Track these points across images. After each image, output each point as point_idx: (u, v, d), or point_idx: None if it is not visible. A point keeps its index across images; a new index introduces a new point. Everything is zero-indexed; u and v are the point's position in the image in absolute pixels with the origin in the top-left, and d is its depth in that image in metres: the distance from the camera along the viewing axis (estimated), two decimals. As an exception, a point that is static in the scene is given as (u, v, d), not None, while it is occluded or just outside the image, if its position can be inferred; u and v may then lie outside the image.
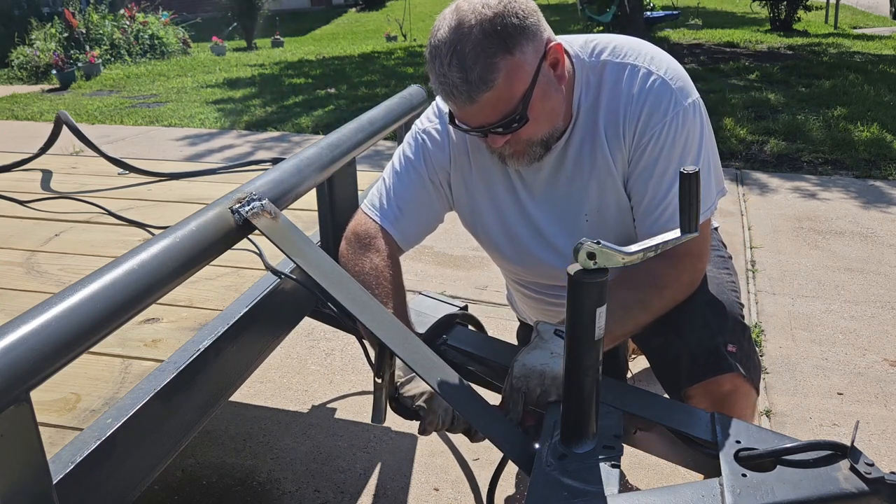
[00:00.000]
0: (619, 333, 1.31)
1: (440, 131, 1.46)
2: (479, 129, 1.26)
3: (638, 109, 1.30)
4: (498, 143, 1.27)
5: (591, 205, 1.39)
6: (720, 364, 1.27)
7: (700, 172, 1.30)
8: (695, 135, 1.31)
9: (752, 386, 1.29)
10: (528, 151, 1.31)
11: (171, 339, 1.27)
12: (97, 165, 2.43)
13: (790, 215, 3.83)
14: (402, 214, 1.44)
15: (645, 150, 1.31)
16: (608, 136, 1.33)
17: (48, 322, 0.80)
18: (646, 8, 10.71)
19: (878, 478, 0.95)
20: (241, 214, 1.16)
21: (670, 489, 1.02)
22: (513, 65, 1.18)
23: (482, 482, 1.90)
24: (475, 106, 1.20)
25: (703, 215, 1.32)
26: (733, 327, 1.33)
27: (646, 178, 1.32)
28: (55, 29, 10.33)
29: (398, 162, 1.48)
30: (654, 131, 1.29)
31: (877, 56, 8.58)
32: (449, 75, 1.18)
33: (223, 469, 2.00)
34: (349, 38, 13.93)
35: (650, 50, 1.35)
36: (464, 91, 1.18)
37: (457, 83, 1.18)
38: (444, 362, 1.24)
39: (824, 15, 12.91)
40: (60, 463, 0.91)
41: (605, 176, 1.35)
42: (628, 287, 1.31)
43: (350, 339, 2.38)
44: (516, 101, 1.21)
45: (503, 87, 1.18)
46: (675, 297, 1.33)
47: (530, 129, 1.26)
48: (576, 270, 0.98)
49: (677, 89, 1.31)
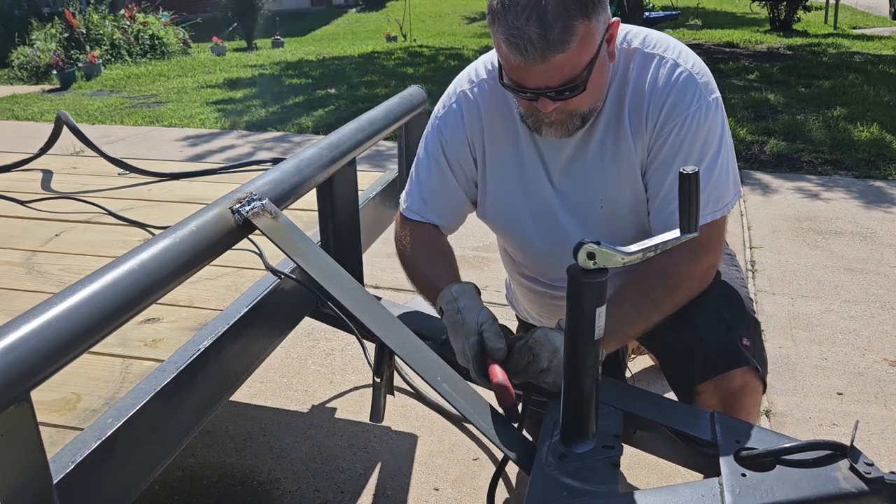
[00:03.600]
0: (631, 333, 1.31)
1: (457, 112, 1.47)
2: (534, 91, 1.23)
3: (662, 99, 1.30)
4: (548, 108, 1.25)
5: (608, 191, 1.39)
6: (737, 358, 1.26)
7: (719, 168, 1.32)
8: (716, 130, 1.32)
9: (762, 382, 1.30)
10: (567, 122, 1.30)
11: (172, 339, 1.27)
12: (97, 165, 2.43)
13: (790, 215, 3.83)
14: (426, 207, 1.51)
15: (666, 140, 1.31)
16: (632, 123, 1.33)
17: (48, 322, 0.80)
18: (645, 8, 10.71)
19: (878, 477, 0.96)
20: (241, 214, 1.16)
21: (670, 489, 1.02)
22: (587, 31, 1.16)
23: (482, 482, 1.90)
24: (543, 66, 1.17)
25: (720, 211, 1.33)
26: (747, 322, 1.34)
27: (664, 169, 1.33)
28: (55, 29, 10.32)
29: (422, 151, 1.52)
30: (677, 122, 1.29)
31: (876, 56, 8.58)
32: (525, 29, 1.13)
33: (223, 469, 2.00)
34: (349, 38, 13.93)
35: (679, 45, 1.36)
36: (539, 48, 1.14)
37: (533, 39, 1.13)
38: (445, 362, 1.24)
39: (824, 15, 12.91)
40: (60, 463, 0.91)
41: (626, 163, 1.35)
42: (640, 285, 1.30)
43: (350, 339, 2.38)
44: (581, 68, 1.19)
45: (575, 52, 1.16)
46: (688, 293, 1.32)
47: (582, 99, 1.25)
48: (576, 270, 0.98)
49: (702, 84, 1.31)
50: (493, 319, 1.25)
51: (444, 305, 1.30)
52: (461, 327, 1.25)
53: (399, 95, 1.98)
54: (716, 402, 1.27)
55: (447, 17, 16.49)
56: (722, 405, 1.27)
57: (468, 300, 1.28)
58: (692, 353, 1.30)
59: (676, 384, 1.37)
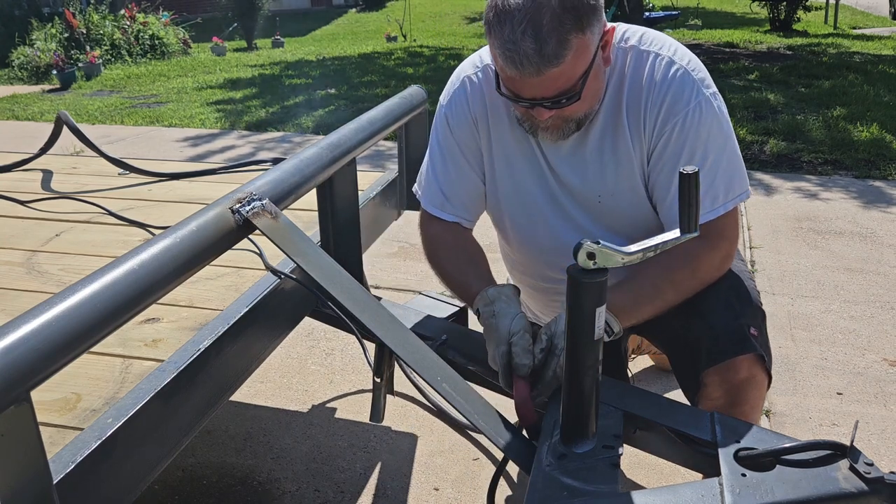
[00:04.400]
0: (645, 312, 1.31)
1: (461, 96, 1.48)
2: (530, 101, 1.25)
3: (661, 97, 1.31)
4: (544, 115, 1.27)
5: (607, 187, 1.40)
6: (744, 344, 1.27)
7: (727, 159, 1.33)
8: (718, 123, 1.33)
9: (767, 374, 1.30)
10: (563, 126, 1.32)
11: (172, 339, 1.27)
12: (97, 165, 2.43)
13: (790, 215, 3.83)
14: (447, 200, 1.52)
15: (669, 138, 1.32)
16: (629, 121, 1.34)
17: (48, 322, 0.80)
18: (645, 8, 10.71)
19: (878, 477, 0.96)
20: (241, 214, 1.16)
21: (670, 489, 1.02)
22: (582, 43, 1.18)
23: (482, 482, 1.90)
24: (538, 78, 1.19)
25: (732, 202, 1.33)
26: (755, 312, 1.34)
27: (671, 167, 1.33)
28: (55, 29, 10.32)
29: (433, 141, 1.54)
30: (678, 119, 1.30)
31: (876, 56, 8.58)
32: (520, 43, 1.15)
33: (223, 469, 2.00)
34: (349, 38, 13.93)
35: (675, 44, 1.37)
36: (534, 62, 1.16)
37: (528, 53, 1.15)
38: (445, 362, 1.24)
39: (824, 15, 12.91)
40: (60, 463, 0.91)
41: (624, 159, 1.36)
42: (661, 265, 1.30)
43: (350, 339, 2.38)
44: (576, 79, 1.21)
45: (569, 65, 1.18)
46: (705, 279, 1.33)
47: (577, 106, 1.27)
48: (575, 270, 0.98)
49: (699, 79, 1.32)
50: (524, 330, 1.23)
51: (482, 308, 1.31)
52: (493, 333, 1.26)
53: (399, 95, 1.98)
54: (721, 395, 1.27)
55: (447, 17, 16.49)
56: (727, 398, 1.27)
57: (503, 305, 1.28)
58: (699, 339, 1.30)
59: (682, 372, 1.37)
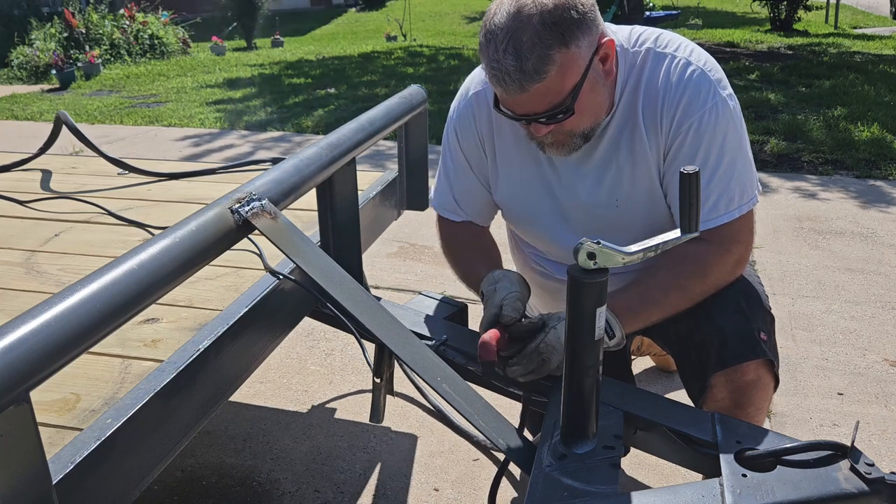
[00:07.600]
0: (653, 316, 1.32)
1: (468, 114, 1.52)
2: (523, 117, 1.27)
3: (677, 98, 1.31)
4: (541, 132, 1.28)
5: (624, 190, 1.40)
6: (754, 349, 1.27)
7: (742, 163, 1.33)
8: (734, 125, 1.32)
9: (774, 378, 1.30)
10: (568, 142, 1.33)
11: (171, 339, 1.26)
12: (97, 165, 2.43)
13: (790, 215, 3.83)
14: (459, 206, 1.58)
15: (685, 139, 1.31)
16: (646, 122, 1.34)
17: (48, 322, 0.80)
18: (646, 8, 10.71)
19: (879, 478, 0.95)
20: (240, 214, 1.16)
21: (670, 489, 1.02)
22: (567, 58, 1.18)
23: (482, 482, 1.90)
24: (525, 95, 1.21)
25: (746, 205, 1.34)
26: (764, 317, 1.35)
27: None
28: (55, 29, 10.32)
29: (445, 151, 1.59)
30: (694, 120, 1.30)
31: (877, 56, 8.58)
32: (503, 62, 1.18)
33: (223, 469, 2.00)
34: (349, 38, 13.93)
35: (691, 45, 1.37)
36: (516, 79, 1.18)
37: (510, 70, 1.17)
38: (445, 362, 1.24)
39: (824, 15, 12.91)
40: (60, 463, 0.91)
41: (641, 162, 1.36)
42: (671, 270, 1.31)
43: (350, 339, 2.38)
44: (566, 93, 1.22)
45: (555, 80, 1.19)
46: (716, 283, 1.33)
47: (574, 121, 1.27)
48: (576, 270, 0.98)
49: (715, 80, 1.32)
50: (517, 297, 1.26)
51: (485, 288, 1.33)
52: (489, 301, 1.28)
53: (399, 95, 1.97)
54: (726, 395, 1.27)
55: (447, 16, 16.49)
56: (732, 399, 1.27)
57: (505, 283, 1.31)
58: (708, 342, 1.30)
59: (689, 374, 1.37)
